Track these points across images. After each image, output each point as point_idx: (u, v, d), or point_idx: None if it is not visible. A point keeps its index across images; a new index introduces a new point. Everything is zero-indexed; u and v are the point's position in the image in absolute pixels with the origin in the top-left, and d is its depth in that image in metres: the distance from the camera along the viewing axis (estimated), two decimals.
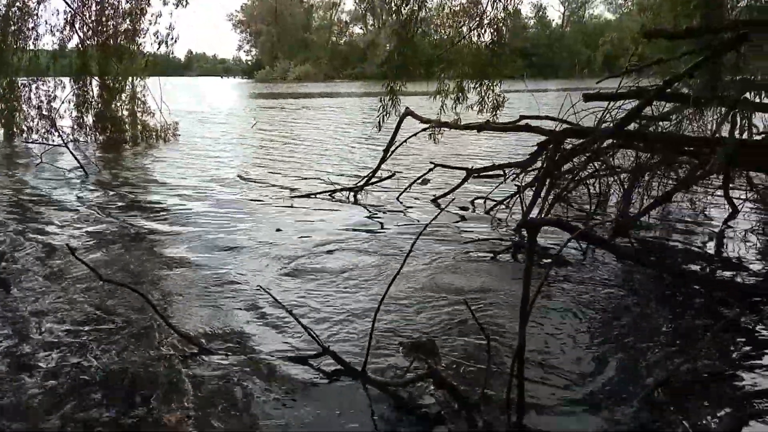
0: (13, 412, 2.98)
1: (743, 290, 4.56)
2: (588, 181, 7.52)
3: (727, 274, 5.09)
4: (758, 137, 6.16)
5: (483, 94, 7.65)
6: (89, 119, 15.37)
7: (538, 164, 7.09)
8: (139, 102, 15.55)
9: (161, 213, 7.62)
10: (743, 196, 7.31)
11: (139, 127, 15.61)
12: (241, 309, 4.34)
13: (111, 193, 8.98)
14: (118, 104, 15.48)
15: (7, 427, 2.84)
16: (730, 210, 7.11)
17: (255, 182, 9.61)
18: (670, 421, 2.90)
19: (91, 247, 6.02)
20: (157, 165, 12.00)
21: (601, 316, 4.24)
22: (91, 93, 15.25)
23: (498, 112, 7.68)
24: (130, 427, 2.85)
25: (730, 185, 7.25)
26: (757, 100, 6.47)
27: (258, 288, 4.53)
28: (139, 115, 15.64)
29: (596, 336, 3.91)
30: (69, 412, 2.95)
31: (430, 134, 8.04)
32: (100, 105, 15.35)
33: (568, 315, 4.24)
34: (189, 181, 9.92)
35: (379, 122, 7.68)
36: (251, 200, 8.38)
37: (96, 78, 15.26)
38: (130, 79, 15.35)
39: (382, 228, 6.81)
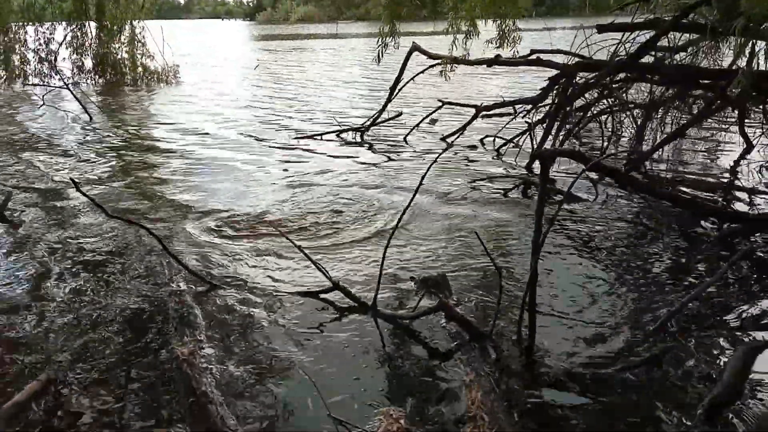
0: (31, 345, 3.00)
1: (758, 222, 4.48)
2: (600, 118, 7.37)
3: (742, 207, 5.01)
4: None
5: (502, 27, 7.23)
6: (89, 62, 15.15)
7: (549, 100, 6.92)
8: (139, 45, 15.25)
9: (167, 154, 7.55)
10: (759, 131, 7.14)
11: (139, 70, 15.37)
12: (250, 246, 4.30)
13: (115, 135, 8.86)
14: (117, 47, 15.21)
15: (24, 359, 2.85)
16: (745, 145, 6.95)
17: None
18: (684, 352, 2.88)
19: (97, 185, 5.99)
20: (160, 107, 11.85)
21: (614, 249, 4.19)
22: (89, 35, 14.97)
23: (510, 47, 7.30)
24: (143, 358, 2.86)
25: (746, 120, 7.07)
26: None
27: (268, 225, 4.49)
28: (139, 58, 15.37)
29: (609, 269, 3.87)
30: (82, 346, 2.96)
31: (441, 71, 7.67)
32: (98, 47, 15.08)
33: (580, 249, 4.20)
34: (192, 123, 9.77)
35: (378, 54, 7.29)
36: (256, 142, 8.27)
37: (93, 21, 14.93)
38: (128, 21, 15.02)
39: (390, 167, 6.71)
